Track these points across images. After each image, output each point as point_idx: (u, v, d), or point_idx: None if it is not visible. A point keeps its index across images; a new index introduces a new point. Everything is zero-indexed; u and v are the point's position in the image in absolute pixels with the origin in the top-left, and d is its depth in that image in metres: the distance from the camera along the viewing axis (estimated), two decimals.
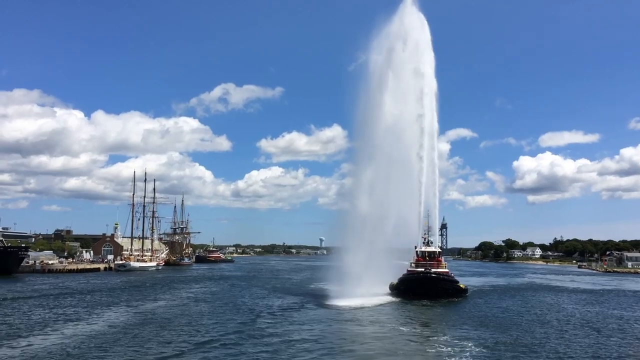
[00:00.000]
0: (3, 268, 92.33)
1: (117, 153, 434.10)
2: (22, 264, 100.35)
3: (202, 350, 29.94)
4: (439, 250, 64.25)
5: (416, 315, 46.21)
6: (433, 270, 58.53)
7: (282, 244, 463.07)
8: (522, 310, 52.27)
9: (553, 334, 37.73)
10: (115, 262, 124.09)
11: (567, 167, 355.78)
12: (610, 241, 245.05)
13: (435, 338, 35.01)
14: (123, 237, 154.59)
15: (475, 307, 53.02)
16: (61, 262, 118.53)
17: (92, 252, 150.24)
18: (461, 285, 61.05)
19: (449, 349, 31.14)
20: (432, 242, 63.50)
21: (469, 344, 32.26)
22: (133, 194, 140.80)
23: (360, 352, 30.51)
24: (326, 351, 30.25)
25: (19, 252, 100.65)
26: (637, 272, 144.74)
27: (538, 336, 36.38)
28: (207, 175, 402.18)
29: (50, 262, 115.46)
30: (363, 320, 41.97)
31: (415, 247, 62.12)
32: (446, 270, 61.87)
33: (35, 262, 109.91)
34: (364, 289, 53.54)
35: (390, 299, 55.90)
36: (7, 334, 34.34)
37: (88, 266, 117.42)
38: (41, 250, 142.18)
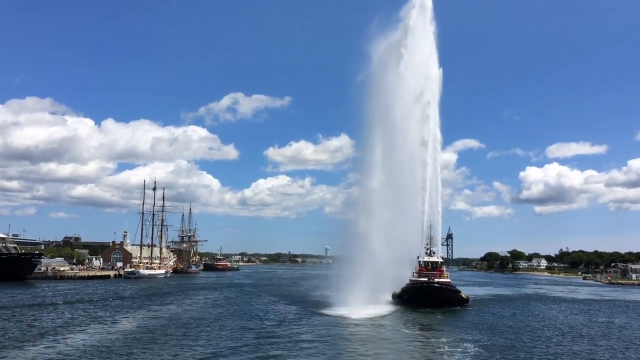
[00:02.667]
0: (17, 274, 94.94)
1: (126, 161, 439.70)
2: (34, 271, 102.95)
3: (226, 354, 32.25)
4: (441, 260, 65.95)
5: (419, 321, 48.57)
6: (436, 280, 60.22)
7: (287, 252, 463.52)
8: (519, 317, 54.90)
9: (543, 338, 40.77)
10: (125, 270, 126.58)
11: (574, 178, 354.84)
12: (616, 253, 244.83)
13: (435, 340, 38.24)
14: (132, 244, 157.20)
15: (475, 315, 55.28)
16: (72, 269, 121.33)
17: (101, 259, 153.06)
18: (463, 295, 62.54)
19: (449, 349, 34.34)
20: (434, 253, 65.04)
21: (467, 345, 35.62)
22: (143, 203, 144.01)
23: (367, 355, 32.72)
24: (335, 355, 32.63)
25: (32, 258, 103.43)
26: None
27: (529, 340, 39.58)
28: (215, 183, 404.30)
29: (62, 268, 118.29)
30: (368, 326, 44.12)
31: (418, 257, 63.82)
32: (448, 280, 63.51)
33: (47, 268, 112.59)
34: (367, 298, 55.24)
35: (393, 307, 57.49)
36: (47, 333, 37.31)
37: (98, 273, 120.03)
38: (52, 257, 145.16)
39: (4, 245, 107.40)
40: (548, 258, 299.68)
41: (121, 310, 52.87)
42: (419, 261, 63.40)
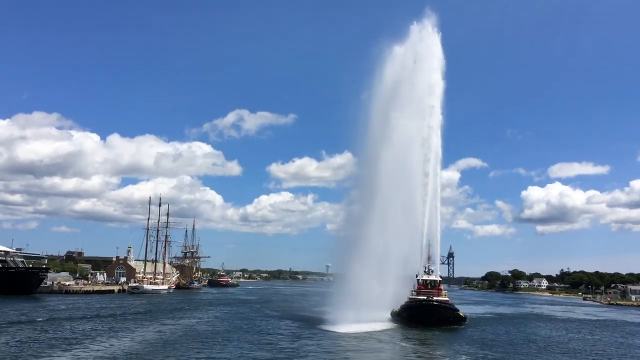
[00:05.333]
0: (24, 288, 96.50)
1: (130, 176, 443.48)
2: (40, 285, 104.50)
3: None
4: (440, 279, 67.51)
5: (417, 336, 50.83)
6: (434, 298, 61.77)
7: (288, 269, 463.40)
8: (512, 334, 57.84)
9: (532, 352, 44.23)
10: (129, 285, 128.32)
11: (576, 197, 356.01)
12: (616, 274, 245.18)
13: (433, 352, 41.71)
14: (136, 260, 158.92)
15: (471, 332, 57.79)
16: (77, 284, 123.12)
17: (105, 274, 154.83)
18: (461, 314, 63.99)
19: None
20: (433, 271, 66.33)
21: (464, 357, 38.84)
22: (148, 219, 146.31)
23: None
24: None
25: (39, 273, 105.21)
26: None
27: (518, 354, 42.60)
28: (217, 199, 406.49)
29: (67, 283, 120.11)
30: (369, 341, 46.47)
31: (417, 276, 65.29)
32: (446, 298, 65.08)
33: (53, 283, 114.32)
34: (367, 315, 56.65)
35: (392, 325, 59.07)
36: (74, 343, 40.41)
37: (103, 288, 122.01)
38: (56, 271, 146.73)
39: (11, 259, 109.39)
40: (549, 278, 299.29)
41: (139, 323, 55.86)
42: (418, 279, 64.72)
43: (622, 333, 65.71)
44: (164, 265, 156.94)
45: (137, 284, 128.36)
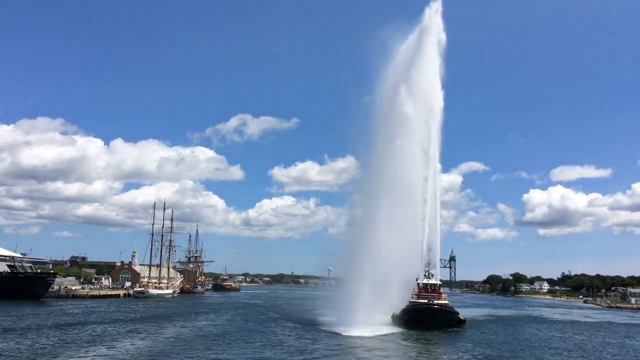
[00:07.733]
0: (33, 293, 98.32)
1: (132, 180, 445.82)
2: (48, 290, 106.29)
3: None
4: (440, 282, 69.06)
5: (418, 338, 52.99)
6: (435, 301, 63.44)
7: (290, 273, 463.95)
8: (508, 335, 60.50)
9: (526, 351, 47.11)
10: (134, 289, 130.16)
11: (578, 200, 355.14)
12: (617, 277, 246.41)
13: (434, 350, 44.85)
14: (140, 264, 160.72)
15: (470, 333, 60.18)
16: (83, 288, 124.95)
17: (110, 278, 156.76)
18: (461, 317, 65.59)
19: (448, 357, 40.82)
20: (433, 275, 67.97)
21: (462, 354, 41.87)
22: (153, 223, 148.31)
23: None
24: None
25: (47, 278, 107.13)
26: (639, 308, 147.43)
27: (513, 352, 45.41)
28: (220, 203, 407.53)
29: (74, 288, 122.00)
30: (372, 342, 48.49)
31: (417, 279, 66.70)
32: (446, 302, 66.70)
33: (59, 287, 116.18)
34: (368, 318, 57.99)
35: (393, 328, 60.19)
36: (96, 344, 43.01)
37: (109, 292, 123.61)
38: (62, 276, 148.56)
39: (20, 264, 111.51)
40: (550, 281, 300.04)
41: (153, 325, 58.58)
42: (418, 283, 65.95)
43: (611, 333, 68.76)
44: (168, 270, 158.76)
45: (143, 288, 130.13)
